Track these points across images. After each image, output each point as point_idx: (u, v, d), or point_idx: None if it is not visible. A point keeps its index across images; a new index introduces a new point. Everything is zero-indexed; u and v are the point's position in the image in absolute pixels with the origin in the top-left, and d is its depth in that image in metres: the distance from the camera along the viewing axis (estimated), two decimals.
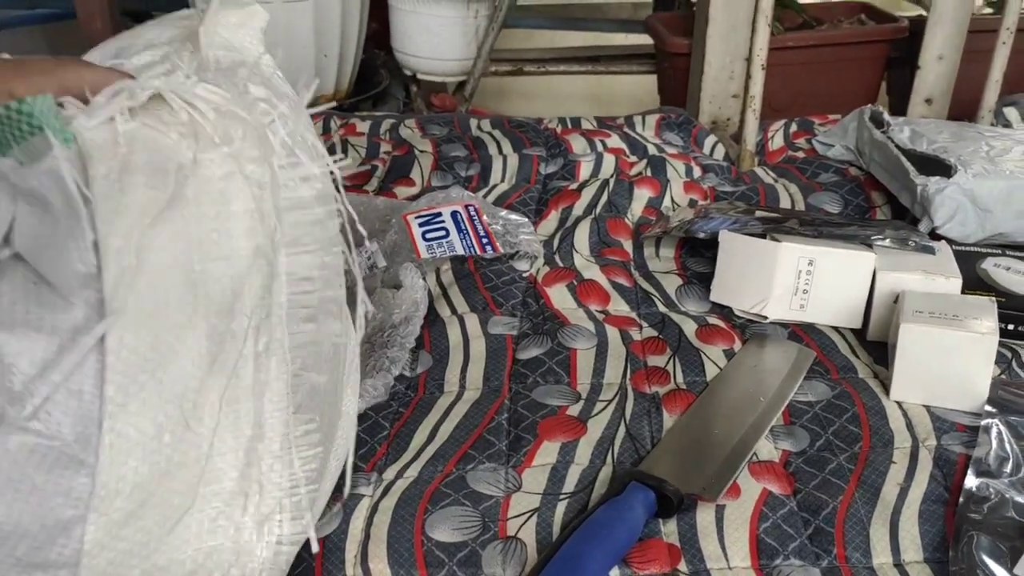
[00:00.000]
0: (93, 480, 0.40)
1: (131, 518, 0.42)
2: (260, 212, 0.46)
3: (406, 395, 0.69)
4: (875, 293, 0.73)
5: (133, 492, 0.41)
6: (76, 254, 0.40)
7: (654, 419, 0.65)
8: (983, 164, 0.85)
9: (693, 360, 0.71)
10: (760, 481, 0.59)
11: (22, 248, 0.42)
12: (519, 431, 0.64)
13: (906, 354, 0.65)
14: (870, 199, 0.97)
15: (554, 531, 0.56)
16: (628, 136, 1.12)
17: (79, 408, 0.40)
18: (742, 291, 0.77)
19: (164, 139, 0.45)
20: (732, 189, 1.00)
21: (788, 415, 0.65)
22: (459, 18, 1.38)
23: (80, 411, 0.40)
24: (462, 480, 0.59)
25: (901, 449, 0.61)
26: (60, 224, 0.41)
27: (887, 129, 0.98)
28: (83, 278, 0.41)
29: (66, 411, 0.40)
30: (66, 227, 0.40)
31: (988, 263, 0.78)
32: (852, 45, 1.37)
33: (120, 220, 0.42)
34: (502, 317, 0.77)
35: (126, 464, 0.40)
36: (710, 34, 1.22)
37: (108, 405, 0.40)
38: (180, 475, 0.43)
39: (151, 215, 0.42)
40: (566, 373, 0.70)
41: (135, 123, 0.45)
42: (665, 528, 0.56)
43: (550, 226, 0.93)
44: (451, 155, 1.07)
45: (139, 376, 0.41)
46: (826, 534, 0.55)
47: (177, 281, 0.43)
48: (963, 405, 0.65)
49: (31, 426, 0.39)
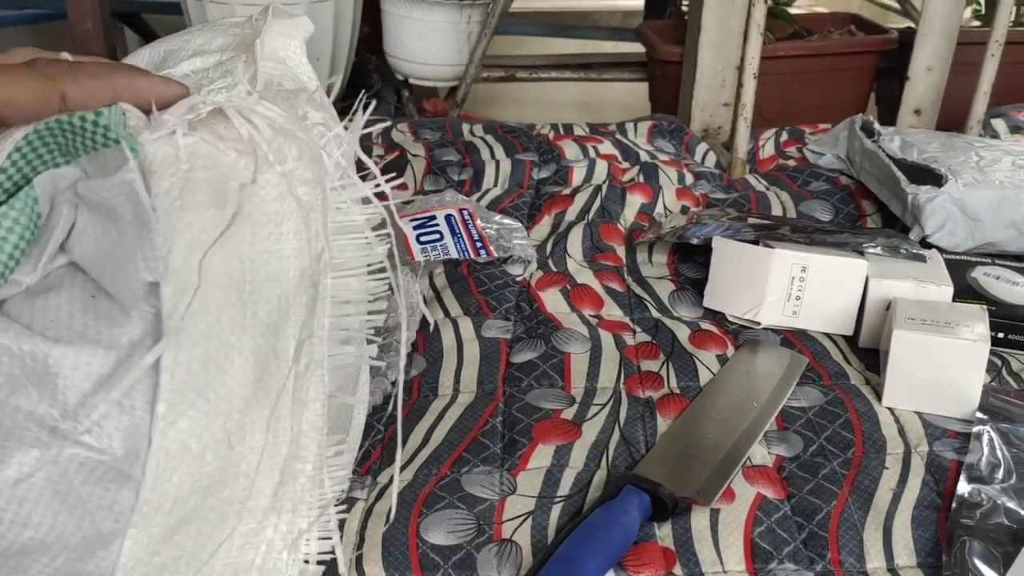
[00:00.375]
0: (136, 495, 0.40)
1: (169, 534, 0.42)
2: (309, 234, 0.47)
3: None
4: (867, 300, 0.74)
5: (174, 508, 0.41)
6: (143, 264, 0.40)
7: (648, 423, 0.66)
8: (973, 174, 0.86)
9: (686, 365, 0.72)
10: (754, 485, 0.59)
11: (81, 258, 0.42)
12: (514, 434, 0.64)
13: (898, 361, 0.65)
14: (861, 208, 0.98)
15: (549, 534, 0.56)
16: (620, 143, 1.12)
17: (130, 423, 0.40)
18: (735, 297, 0.77)
19: (223, 156, 0.45)
20: (724, 196, 1.01)
21: (781, 420, 0.65)
22: (452, 23, 1.38)
23: (131, 427, 0.40)
24: (456, 483, 0.59)
25: (894, 455, 0.62)
26: (127, 235, 0.40)
27: (878, 138, 0.99)
28: (146, 289, 0.41)
29: (117, 426, 0.39)
30: (134, 238, 0.40)
31: (978, 272, 0.79)
32: (842, 55, 1.38)
33: (180, 238, 0.42)
34: (496, 321, 0.77)
35: (170, 481, 0.40)
36: (702, 43, 1.23)
37: (159, 422, 0.40)
38: (220, 493, 0.43)
39: (210, 234, 0.42)
40: (560, 377, 0.70)
41: (195, 138, 0.45)
42: (660, 532, 0.56)
43: (543, 231, 0.93)
44: (444, 159, 1.07)
45: (188, 394, 0.41)
46: (820, 539, 0.55)
47: (230, 300, 0.43)
48: (955, 412, 0.65)
49: (84, 440, 0.39)
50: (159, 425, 0.39)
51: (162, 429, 0.39)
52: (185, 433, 0.40)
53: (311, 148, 0.46)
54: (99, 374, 0.39)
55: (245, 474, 0.43)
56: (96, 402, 0.38)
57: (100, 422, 0.38)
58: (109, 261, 0.40)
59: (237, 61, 0.52)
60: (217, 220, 0.42)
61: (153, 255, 0.39)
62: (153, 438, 0.39)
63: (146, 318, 0.40)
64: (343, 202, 0.48)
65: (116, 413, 0.39)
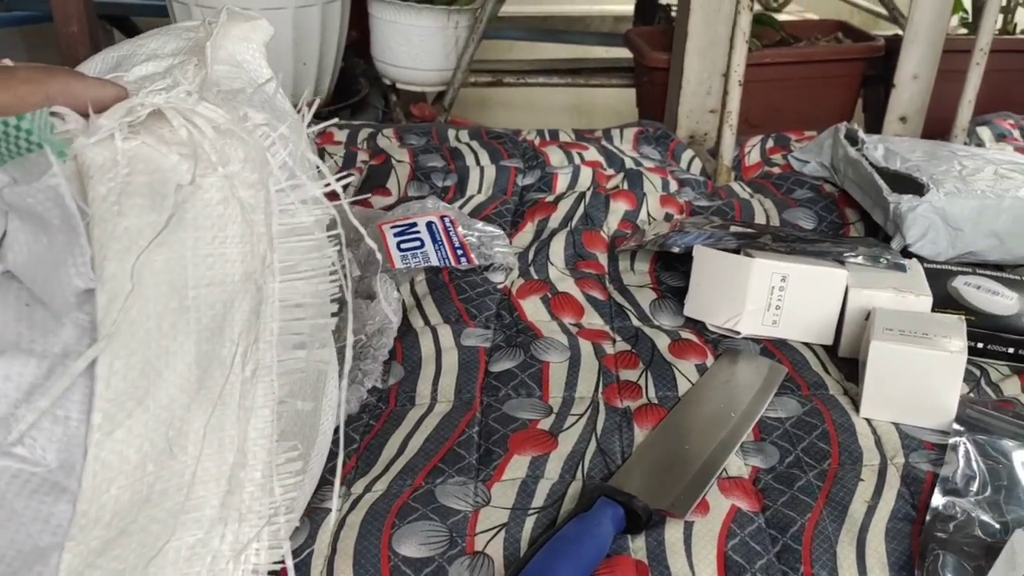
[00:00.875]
0: (74, 507, 0.39)
1: (109, 546, 0.41)
2: (253, 237, 0.46)
3: (377, 407, 0.68)
4: (847, 310, 0.74)
5: (113, 520, 0.40)
6: (74, 270, 0.39)
7: (625, 434, 0.65)
8: (955, 183, 0.86)
9: (665, 375, 0.71)
10: (729, 497, 0.59)
11: (14, 266, 0.41)
12: (489, 444, 0.64)
13: (876, 372, 0.65)
14: (844, 216, 0.98)
15: (522, 546, 0.56)
16: (606, 149, 1.12)
17: (64, 434, 0.39)
18: (715, 306, 0.77)
19: (164, 159, 0.44)
20: (708, 204, 1.00)
21: (758, 431, 0.65)
22: (439, 29, 1.37)
23: (65, 437, 0.39)
24: (431, 494, 0.59)
25: (869, 466, 0.62)
26: (57, 241, 0.40)
27: (861, 147, 0.99)
28: (79, 297, 0.40)
29: (51, 437, 0.39)
30: (64, 244, 0.40)
31: (959, 281, 0.79)
32: (828, 63, 1.38)
33: (116, 243, 0.41)
34: (475, 329, 0.77)
35: (108, 492, 0.40)
36: (688, 49, 1.23)
37: (94, 432, 0.39)
38: (161, 503, 0.43)
39: (148, 239, 0.42)
40: (538, 386, 0.70)
41: (136, 141, 0.44)
42: (633, 544, 0.55)
43: (526, 238, 0.93)
44: (428, 165, 1.07)
45: (127, 403, 0.40)
46: (793, 552, 0.55)
47: (170, 306, 0.43)
48: (931, 423, 0.65)
49: (15, 451, 0.38)
50: (95, 435, 0.38)
51: (98, 440, 0.38)
52: (123, 443, 0.39)
53: (256, 149, 0.45)
54: (31, 384, 0.38)
55: (189, 483, 0.43)
56: (26, 412, 0.38)
57: (32, 433, 0.38)
58: (41, 268, 0.40)
59: (188, 64, 0.51)
60: (156, 224, 0.42)
61: (84, 261, 0.39)
62: (89, 449, 0.38)
63: (81, 326, 0.40)
64: (291, 203, 0.47)
65: (49, 424, 0.38)
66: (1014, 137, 1.21)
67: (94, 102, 0.46)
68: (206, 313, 0.44)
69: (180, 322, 0.43)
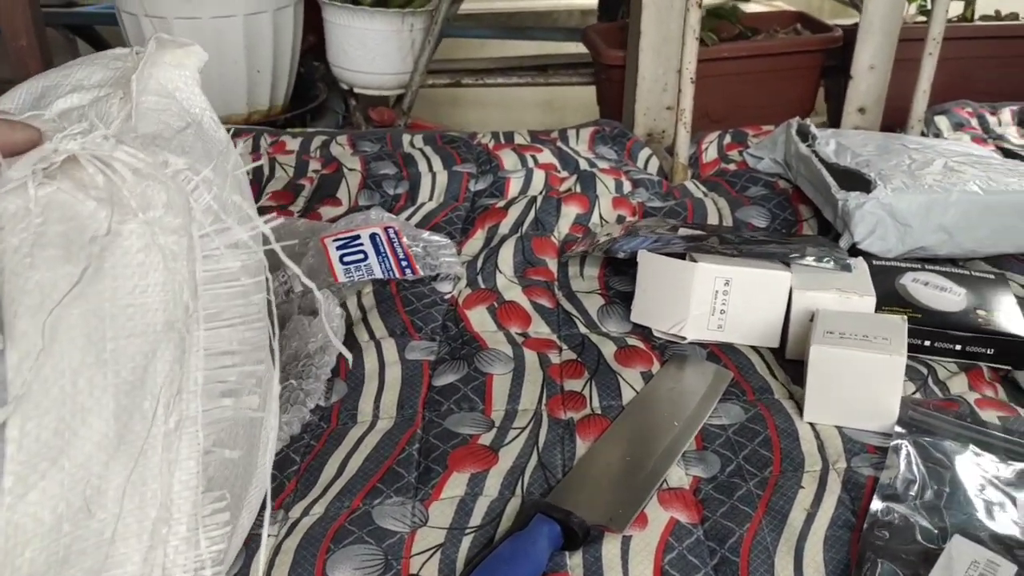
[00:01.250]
0: None
1: None
2: (175, 285, 0.45)
3: (319, 426, 0.68)
4: (792, 312, 0.73)
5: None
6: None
7: (567, 446, 0.65)
8: (903, 178, 0.85)
9: (610, 384, 0.71)
10: (668, 510, 0.58)
11: None
12: (429, 462, 0.63)
13: (817, 376, 0.65)
14: (797, 213, 0.97)
15: (458, 567, 0.55)
16: (560, 151, 1.11)
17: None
18: (661, 312, 0.77)
19: (81, 206, 0.43)
20: (661, 204, 1.00)
21: (701, 440, 0.65)
22: (394, 32, 1.36)
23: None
24: (368, 516, 0.58)
25: (811, 473, 0.61)
26: None
27: (812, 142, 0.99)
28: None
29: None
30: None
31: (907, 278, 0.79)
32: (787, 55, 1.38)
33: (28, 299, 0.39)
34: (420, 342, 0.76)
35: (22, 556, 0.38)
36: (642, 47, 1.22)
37: (5, 496, 0.38)
38: (80, 563, 0.41)
39: (63, 292, 0.40)
40: (481, 400, 0.69)
41: (51, 188, 0.42)
42: (571, 561, 0.55)
43: (476, 245, 0.92)
44: (380, 173, 1.06)
45: (40, 464, 0.39)
46: (731, 563, 0.54)
47: (87, 361, 0.41)
48: (874, 426, 0.65)
49: None
50: (6, 499, 0.37)
51: (10, 503, 0.37)
52: (36, 505, 0.38)
53: (178, 194, 0.44)
54: None
55: (109, 541, 0.42)
56: None
57: None
58: None
59: (113, 98, 0.50)
60: (71, 276, 0.40)
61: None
62: (0, 512, 0.37)
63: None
64: (215, 248, 0.46)
65: None
66: (972, 126, 1.21)
67: (5, 146, 0.45)
68: (126, 366, 0.43)
69: (97, 376, 0.42)
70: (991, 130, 1.20)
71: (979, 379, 0.72)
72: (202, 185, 0.45)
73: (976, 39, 1.43)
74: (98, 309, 0.41)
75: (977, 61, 1.41)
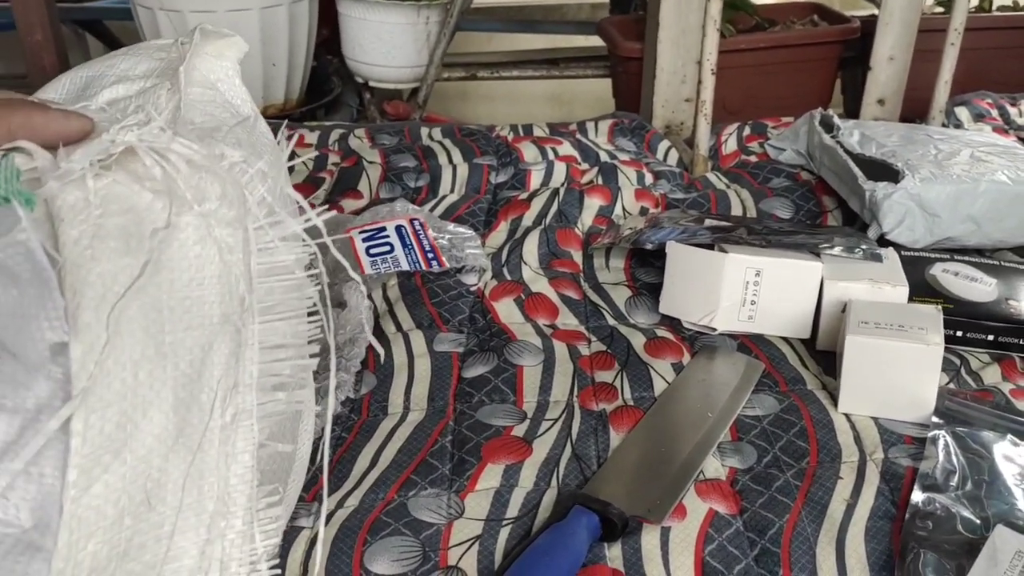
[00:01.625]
0: (49, 566, 0.38)
1: None
2: (231, 278, 0.44)
3: (349, 419, 0.67)
4: (823, 303, 0.73)
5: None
6: (47, 323, 0.38)
7: (600, 438, 0.64)
8: (931, 168, 0.85)
9: (641, 375, 0.70)
10: (706, 501, 0.58)
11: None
12: (463, 454, 0.63)
13: (852, 366, 0.64)
14: (821, 204, 0.96)
15: (496, 559, 0.54)
16: (580, 143, 1.10)
17: (39, 492, 0.37)
18: (690, 303, 0.76)
19: (138, 198, 0.42)
20: (684, 196, 0.99)
21: (735, 431, 0.64)
22: (410, 25, 1.36)
23: (40, 495, 0.37)
24: (403, 508, 0.58)
25: (848, 464, 0.61)
26: (28, 294, 0.38)
27: (836, 133, 0.98)
28: (52, 349, 0.38)
29: (25, 496, 0.37)
30: (35, 297, 0.38)
31: (937, 268, 0.78)
32: (804, 46, 1.37)
33: (90, 291, 0.39)
34: (448, 333, 0.76)
35: (85, 549, 0.38)
36: (661, 38, 1.21)
37: (70, 490, 0.37)
38: (140, 556, 0.41)
39: (123, 285, 0.40)
40: (512, 391, 0.69)
41: (107, 179, 0.42)
42: (610, 553, 0.54)
43: (499, 238, 0.91)
44: (400, 166, 1.05)
45: (103, 457, 0.39)
46: (772, 555, 0.54)
47: (147, 354, 0.41)
48: (911, 416, 0.64)
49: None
50: (70, 493, 0.37)
51: (74, 496, 0.37)
52: (100, 499, 0.38)
53: (233, 186, 0.43)
54: (3, 442, 0.37)
55: (168, 535, 0.41)
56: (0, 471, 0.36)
57: (5, 493, 0.36)
58: (12, 321, 0.38)
59: (160, 89, 0.50)
60: (131, 269, 0.40)
61: (57, 314, 0.37)
62: (64, 506, 0.37)
63: (55, 379, 0.38)
64: (270, 242, 0.46)
65: (23, 482, 0.37)
66: (992, 117, 1.20)
67: (58, 136, 0.44)
68: (184, 358, 0.43)
69: (157, 369, 0.41)
70: (1012, 121, 1.19)
71: (1012, 369, 0.72)
72: (256, 178, 0.44)
73: (994, 30, 1.42)
74: (156, 301, 0.41)
75: (996, 52, 1.40)
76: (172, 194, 0.42)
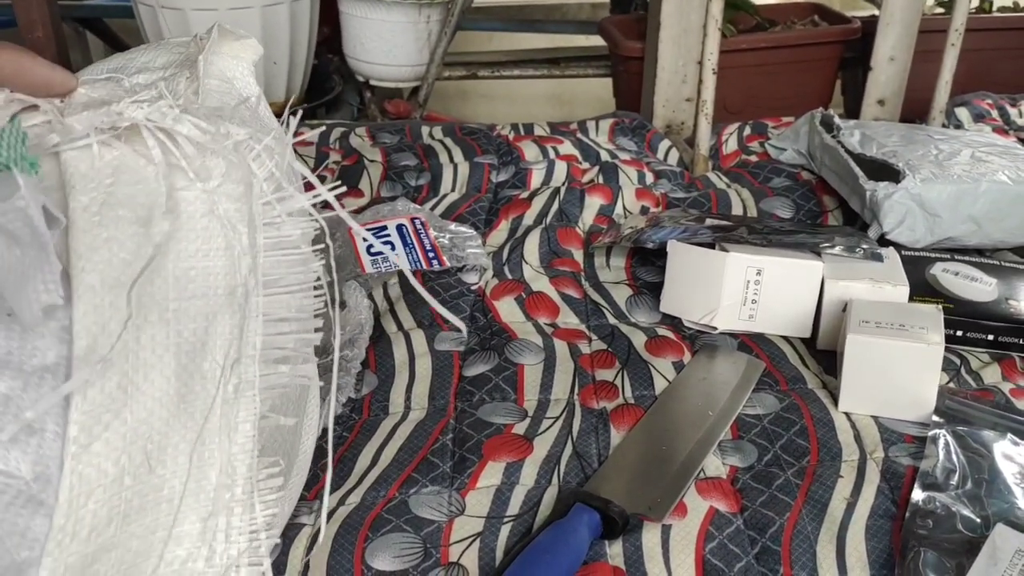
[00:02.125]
0: (50, 521, 0.38)
1: (88, 562, 0.40)
2: (237, 250, 0.45)
3: (350, 418, 0.67)
4: (823, 302, 0.73)
5: (91, 536, 0.39)
6: (42, 286, 0.38)
7: (601, 436, 0.64)
8: (931, 168, 0.85)
9: (642, 373, 0.70)
10: (707, 499, 0.58)
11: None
12: (464, 452, 0.63)
13: (853, 365, 0.64)
14: (822, 203, 0.97)
15: (497, 556, 0.55)
16: (581, 142, 1.11)
17: (40, 447, 0.38)
18: (691, 302, 0.76)
19: (147, 170, 0.43)
20: (684, 195, 0.99)
21: (736, 429, 0.64)
22: (411, 23, 1.36)
23: (41, 450, 0.38)
24: (404, 505, 0.58)
25: (849, 462, 0.61)
26: (28, 254, 0.39)
27: (837, 133, 0.98)
28: (49, 310, 0.39)
29: (26, 449, 0.38)
30: (33, 259, 0.39)
31: (937, 268, 0.78)
32: (805, 47, 1.37)
33: (96, 255, 0.40)
34: (449, 332, 0.76)
35: (85, 506, 0.39)
36: (662, 38, 1.21)
37: (71, 445, 0.38)
38: (140, 520, 0.42)
39: (130, 251, 0.41)
40: (513, 390, 0.69)
41: (119, 150, 0.43)
42: (611, 550, 0.55)
43: (500, 236, 0.91)
44: (401, 164, 1.06)
45: (104, 416, 0.39)
46: (773, 553, 0.54)
47: (151, 319, 0.42)
48: (911, 416, 0.64)
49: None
50: (71, 448, 0.37)
51: (75, 452, 0.37)
52: (101, 456, 0.38)
53: (239, 164, 0.44)
54: (4, 395, 0.37)
55: (168, 499, 0.42)
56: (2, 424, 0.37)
57: (7, 444, 0.37)
58: (10, 278, 0.39)
59: (180, 77, 0.51)
60: (139, 237, 0.41)
61: (53, 277, 0.38)
62: (65, 462, 0.37)
63: (56, 335, 0.38)
64: (276, 216, 0.46)
65: (24, 436, 0.37)
66: (992, 117, 1.20)
67: (45, 83, 0.45)
68: (187, 326, 0.44)
69: (160, 335, 0.42)
70: (1012, 121, 1.20)
71: (1012, 369, 0.72)
72: (264, 153, 0.45)
73: (995, 30, 1.42)
74: (161, 268, 0.42)
75: (996, 53, 1.40)
76: (174, 173, 0.43)
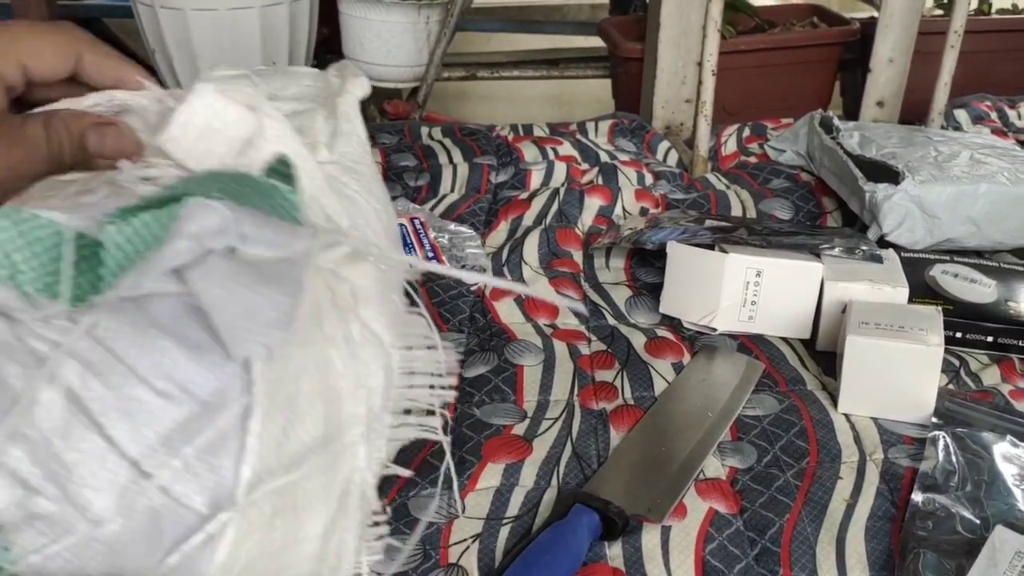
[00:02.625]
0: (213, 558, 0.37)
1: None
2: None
3: None
4: (823, 303, 0.73)
5: (243, 572, 0.39)
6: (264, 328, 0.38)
7: (601, 437, 0.64)
8: (931, 170, 0.85)
9: (641, 374, 0.70)
10: (706, 500, 0.58)
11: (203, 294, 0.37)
12: (463, 453, 0.63)
13: (852, 367, 0.64)
14: (821, 205, 0.97)
15: (497, 557, 0.55)
16: (580, 143, 1.11)
17: (216, 484, 0.37)
18: (691, 303, 0.76)
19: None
20: (684, 196, 0.99)
21: (736, 430, 0.64)
22: (410, 24, 1.35)
23: (215, 487, 0.37)
24: (404, 508, 0.58)
25: (848, 464, 0.61)
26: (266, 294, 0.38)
27: (836, 134, 0.98)
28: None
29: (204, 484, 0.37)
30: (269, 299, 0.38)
31: (936, 270, 0.78)
32: (804, 48, 1.37)
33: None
34: (449, 333, 0.76)
35: (245, 545, 0.38)
36: (661, 39, 1.21)
37: (242, 486, 0.38)
38: (280, 558, 0.42)
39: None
40: (512, 390, 0.69)
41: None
42: (610, 552, 0.55)
43: (500, 237, 0.91)
44: (400, 165, 1.05)
45: (268, 459, 0.39)
46: (772, 554, 0.54)
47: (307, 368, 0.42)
48: (911, 417, 0.64)
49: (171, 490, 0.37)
50: (241, 488, 0.37)
51: (243, 493, 0.37)
52: (263, 497, 0.38)
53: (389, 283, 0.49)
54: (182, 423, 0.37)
55: (300, 540, 0.42)
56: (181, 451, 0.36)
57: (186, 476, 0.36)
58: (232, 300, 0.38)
59: (316, 115, 0.52)
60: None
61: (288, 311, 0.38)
62: (236, 501, 0.37)
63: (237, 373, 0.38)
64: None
65: (205, 471, 0.36)
66: (991, 119, 1.21)
67: (117, 78, 0.46)
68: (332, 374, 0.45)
69: (314, 382, 0.42)
70: (1011, 123, 1.20)
71: (1011, 370, 0.72)
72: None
73: (994, 32, 1.42)
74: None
75: (995, 54, 1.40)
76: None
